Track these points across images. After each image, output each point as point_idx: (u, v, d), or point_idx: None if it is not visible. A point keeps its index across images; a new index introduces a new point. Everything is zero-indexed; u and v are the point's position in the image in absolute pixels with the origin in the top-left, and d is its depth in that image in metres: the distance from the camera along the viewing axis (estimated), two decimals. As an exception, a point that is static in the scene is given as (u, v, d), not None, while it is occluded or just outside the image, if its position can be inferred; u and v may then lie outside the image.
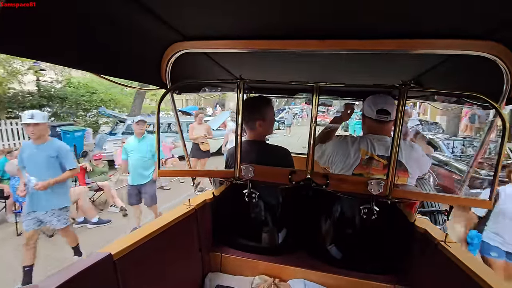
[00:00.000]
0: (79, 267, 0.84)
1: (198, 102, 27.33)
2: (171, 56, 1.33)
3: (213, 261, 1.63)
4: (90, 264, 0.87)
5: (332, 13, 0.92)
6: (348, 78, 2.01)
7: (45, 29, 0.75)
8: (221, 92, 2.42)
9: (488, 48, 0.99)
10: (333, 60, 1.47)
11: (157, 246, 1.21)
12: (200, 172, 1.62)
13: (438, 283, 1.18)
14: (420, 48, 1.05)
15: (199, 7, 0.93)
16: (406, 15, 0.89)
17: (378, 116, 1.50)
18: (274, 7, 0.89)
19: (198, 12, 0.98)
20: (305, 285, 1.44)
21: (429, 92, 1.86)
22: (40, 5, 0.67)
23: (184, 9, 0.96)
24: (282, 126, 18.98)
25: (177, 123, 1.72)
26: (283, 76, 2.09)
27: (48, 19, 0.74)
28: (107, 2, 0.87)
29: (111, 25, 0.97)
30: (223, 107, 24.79)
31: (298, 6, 0.87)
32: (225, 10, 0.95)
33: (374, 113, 1.50)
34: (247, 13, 0.97)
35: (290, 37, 1.14)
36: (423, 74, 1.56)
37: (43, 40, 0.77)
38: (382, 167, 1.43)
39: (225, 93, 2.69)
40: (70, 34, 0.85)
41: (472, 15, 0.86)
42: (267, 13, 0.96)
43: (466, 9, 0.81)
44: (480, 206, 1.18)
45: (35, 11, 0.66)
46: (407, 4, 0.81)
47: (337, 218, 1.49)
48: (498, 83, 1.06)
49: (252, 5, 0.89)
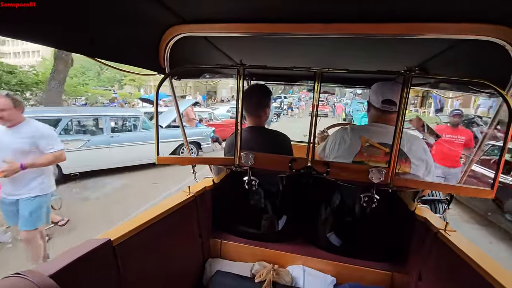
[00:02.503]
0: (77, 252, 0.84)
1: (185, 89, 26.61)
2: (170, 40, 1.29)
3: (213, 247, 1.64)
4: (89, 250, 0.87)
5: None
6: (352, 65, 1.96)
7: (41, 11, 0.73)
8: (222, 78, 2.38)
9: (498, 33, 0.95)
10: (337, 45, 1.43)
11: (157, 232, 1.21)
12: (199, 159, 1.61)
13: (437, 272, 1.19)
14: (428, 32, 1.01)
15: None
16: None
17: (383, 106, 1.45)
18: None
19: None
20: (304, 271, 1.46)
21: (434, 79, 1.82)
22: None
23: None
24: (275, 118, 18.32)
25: (177, 110, 1.70)
26: (284, 62, 2.04)
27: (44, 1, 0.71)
28: None
29: (107, 7, 0.94)
30: (212, 96, 23.72)
31: None
32: None
33: (380, 103, 1.46)
34: None
35: (292, 21, 1.10)
36: (429, 60, 1.52)
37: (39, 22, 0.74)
38: (383, 155, 1.42)
39: (216, 80, 2.63)
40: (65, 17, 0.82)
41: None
42: None
43: None
44: (482, 195, 1.17)
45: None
46: None
47: (337, 206, 1.49)
48: (506, 70, 1.03)
49: None
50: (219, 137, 9.36)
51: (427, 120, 13.57)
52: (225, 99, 24.76)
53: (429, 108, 17.97)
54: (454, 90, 1.72)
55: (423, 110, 18.71)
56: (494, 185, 1.10)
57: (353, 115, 19.10)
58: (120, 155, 6.48)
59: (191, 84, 27.40)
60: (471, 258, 0.98)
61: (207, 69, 1.90)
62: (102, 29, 0.99)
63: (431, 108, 15.09)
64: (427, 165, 1.46)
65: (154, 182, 6.15)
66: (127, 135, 6.69)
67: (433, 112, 14.64)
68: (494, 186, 1.10)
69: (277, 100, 22.36)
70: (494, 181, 1.10)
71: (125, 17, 1.04)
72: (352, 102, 24.06)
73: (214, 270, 1.52)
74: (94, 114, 6.98)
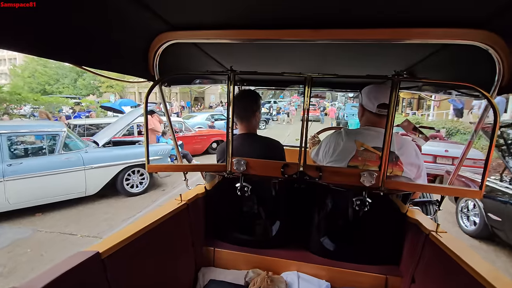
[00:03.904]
0: (63, 267, 0.81)
1: (169, 95, 25.63)
2: (159, 47, 1.28)
3: (206, 255, 1.61)
4: (75, 264, 0.84)
5: (325, 1, 0.89)
6: (341, 69, 1.99)
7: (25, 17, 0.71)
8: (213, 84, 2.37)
9: (482, 38, 0.98)
10: (326, 51, 1.44)
11: (148, 243, 1.19)
12: (191, 166, 1.59)
13: (430, 274, 1.19)
14: (414, 37, 1.03)
15: None
16: (401, 3, 0.87)
17: (379, 110, 1.45)
18: None
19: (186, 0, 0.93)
20: (299, 277, 1.45)
21: (421, 83, 1.86)
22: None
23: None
24: (263, 125, 17.36)
25: (167, 117, 1.68)
26: (275, 67, 2.05)
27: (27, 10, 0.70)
28: None
29: (94, 15, 0.92)
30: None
31: None
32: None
33: (375, 107, 1.46)
34: (238, 1, 0.93)
35: (282, 27, 1.11)
36: (416, 64, 1.55)
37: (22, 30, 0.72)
38: (377, 159, 1.42)
39: (206, 86, 2.62)
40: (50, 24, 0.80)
41: (467, 3, 0.84)
42: (257, 1, 0.92)
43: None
44: (471, 196, 1.19)
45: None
46: None
47: (329, 210, 1.49)
48: (490, 73, 1.06)
49: None
50: (188, 153, 7.65)
51: (423, 123, 13.38)
52: (214, 105, 24.26)
53: (428, 111, 17.86)
54: (441, 94, 1.76)
55: (421, 112, 18.65)
56: (482, 185, 1.12)
57: (348, 120, 18.29)
58: (24, 191, 4.40)
59: (177, 90, 26.92)
60: (462, 259, 0.99)
61: (198, 75, 1.89)
62: (89, 36, 0.98)
63: (449, 111, 14.10)
64: (418, 168, 1.47)
65: (66, 231, 4.16)
66: (37, 162, 4.57)
67: (452, 115, 13.73)
68: (482, 187, 1.12)
69: (266, 105, 21.70)
70: (482, 181, 1.12)
71: (113, 24, 1.03)
72: (346, 105, 23.42)
73: (207, 279, 1.49)
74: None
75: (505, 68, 1.02)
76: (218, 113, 15.91)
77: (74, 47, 0.94)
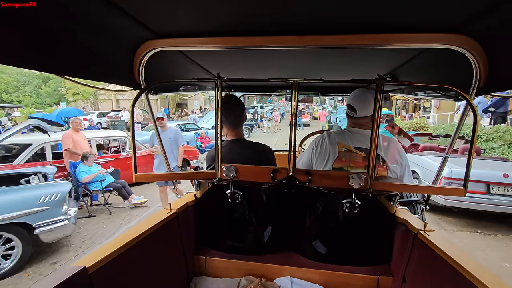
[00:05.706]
0: (48, 285, 0.77)
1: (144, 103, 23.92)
2: (144, 55, 1.27)
3: (197, 265, 1.58)
4: (61, 281, 0.80)
5: (309, 9, 0.90)
6: (327, 74, 2.02)
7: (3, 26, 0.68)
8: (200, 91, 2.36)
9: (459, 42, 1.02)
10: (312, 56, 1.47)
11: (137, 255, 1.15)
12: (180, 174, 1.56)
13: (420, 272, 1.22)
14: (396, 42, 1.06)
15: (171, 2, 0.88)
16: (381, 10, 0.89)
17: (348, 111, 1.56)
18: (250, 2, 0.86)
19: (171, 8, 0.93)
20: (292, 282, 1.44)
21: (404, 85, 1.92)
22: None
23: (155, 4, 0.90)
24: (246, 133, 15.65)
25: (154, 125, 1.65)
26: (262, 73, 2.07)
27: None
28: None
29: (76, 22, 0.90)
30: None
31: (275, 1, 0.85)
32: (199, 6, 0.90)
33: (347, 108, 1.58)
34: (223, 9, 0.93)
35: (268, 33, 1.12)
36: (399, 67, 1.60)
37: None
38: (361, 160, 1.45)
39: (194, 93, 2.59)
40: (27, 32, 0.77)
41: (443, 9, 0.88)
42: (243, 9, 0.93)
43: (437, 4, 0.83)
44: (454, 194, 1.22)
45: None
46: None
47: (320, 214, 1.50)
48: (469, 75, 1.10)
49: (228, 0, 0.86)
50: (125, 184, 5.20)
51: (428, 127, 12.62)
52: (197, 111, 23.20)
53: (427, 113, 17.16)
54: (423, 95, 1.81)
55: (418, 114, 18.22)
56: (466, 183, 1.16)
57: (340, 124, 17.56)
58: None
59: (156, 97, 26.09)
60: (450, 256, 1.02)
61: (184, 82, 1.88)
62: (72, 45, 0.95)
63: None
64: (402, 166, 1.52)
65: None
66: None
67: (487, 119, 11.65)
68: (466, 185, 1.16)
69: (250, 110, 20.07)
70: (466, 180, 1.16)
71: (97, 32, 1.01)
72: (338, 109, 22.32)
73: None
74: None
75: (482, 71, 1.06)
76: (190, 122, 14.22)
77: (54, 56, 0.91)
